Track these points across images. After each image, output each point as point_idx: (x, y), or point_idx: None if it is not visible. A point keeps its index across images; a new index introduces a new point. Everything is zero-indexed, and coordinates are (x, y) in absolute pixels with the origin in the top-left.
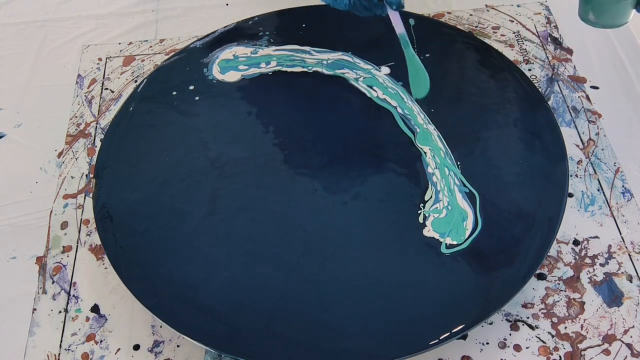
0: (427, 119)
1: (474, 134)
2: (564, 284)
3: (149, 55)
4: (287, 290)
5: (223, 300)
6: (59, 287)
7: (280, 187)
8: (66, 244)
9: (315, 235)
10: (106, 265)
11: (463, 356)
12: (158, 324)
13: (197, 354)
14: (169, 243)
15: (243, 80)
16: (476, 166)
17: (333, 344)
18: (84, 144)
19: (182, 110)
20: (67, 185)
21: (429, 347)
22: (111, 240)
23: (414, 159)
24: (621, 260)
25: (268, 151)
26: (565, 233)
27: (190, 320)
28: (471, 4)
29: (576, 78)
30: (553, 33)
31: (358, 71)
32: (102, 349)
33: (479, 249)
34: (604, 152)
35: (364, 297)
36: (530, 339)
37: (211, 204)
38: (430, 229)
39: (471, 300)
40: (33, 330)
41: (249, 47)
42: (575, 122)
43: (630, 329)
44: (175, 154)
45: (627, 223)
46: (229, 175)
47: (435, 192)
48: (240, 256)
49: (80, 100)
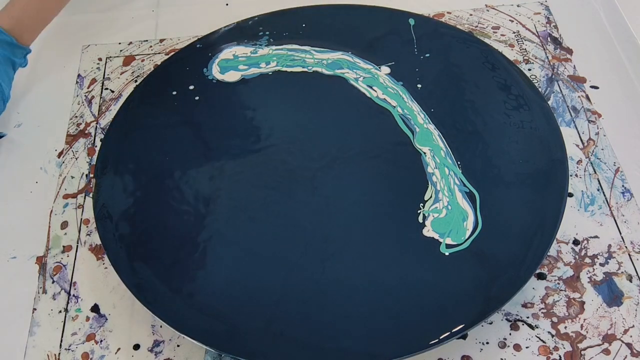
0: (427, 118)
1: (474, 134)
2: (564, 283)
3: (149, 55)
4: (287, 290)
5: (223, 300)
6: (59, 286)
7: (280, 187)
8: (66, 244)
9: (315, 235)
10: (106, 265)
11: (463, 356)
12: (158, 323)
13: (197, 353)
14: (169, 243)
15: (243, 80)
16: (476, 166)
17: (333, 344)
18: (84, 144)
19: (182, 110)
20: (67, 185)
21: (429, 347)
22: (111, 240)
23: (413, 158)
24: (621, 260)
25: (268, 151)
26: (565, 233)
27: (190, 320)
28: (471, 4)
29: (576, 78)
30: (553, 33)
31: (358, 71)
32: (102, 348)
33: (478, 249)
34: (603, 151)
35: (364, 297)
36: (530, 339)
37: (211, 204)
38: (430, 229)
39: (471, 300)
40: (33, 330)
41: (248, 47)
42: (575, 122)
43: (630, 329)
44: (175, 154)
45: (627, 223)
46: (229, 175)
47: (434, 192)
48: (240, 256)
49: (80, 100)
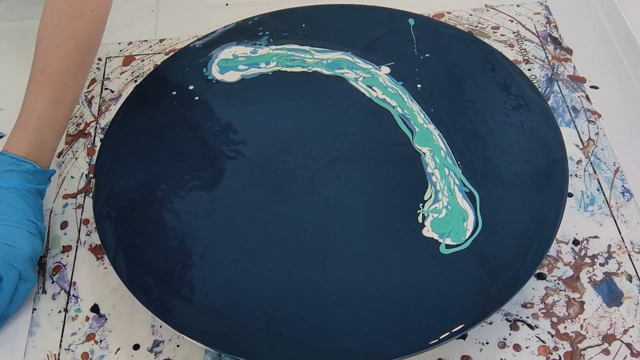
0: (427, 118)
1: (474, 134)
2: (564, 283)
3: (149, 55)
4: (287, 290)
5: (223, 300)
6: (59, 286)
7: (280, 187)
8: (66, 244)
9: (315, 235)
10: (106, 265)
11: (463, 356)
12: (158, 323)
13: (197, 353)
14: (169, 243)
15: (243, 80)
16: (476, 166)
17: (333, 344)
18: (84, 144)
19: (182, 110)
20: (67, 185)
21: (429, 347)
22: (111, 240)
23: (413, 159)
24: (621, 260)
25: (268, 151)
26: (565, 233)
27: (190, 320)
28: (471, 4)
29: (576, 78)
30: (553, 33)
31: (358, 71)
32: (102, 348)
33: (478, 249)
34: (603, 151)
35: (364, 297)
36: (530, 339)
37: (211, 204)
38: (430, 230)
39: (471, 300)
40: (33, 330)
41: (248, 47)
42: (575, 122)
43: (629, 329)
44: (175, 154)
45: (626, 223)
46: (229, 175)
47: (434, 192)
48: (240, 256)
49: (80, 100)
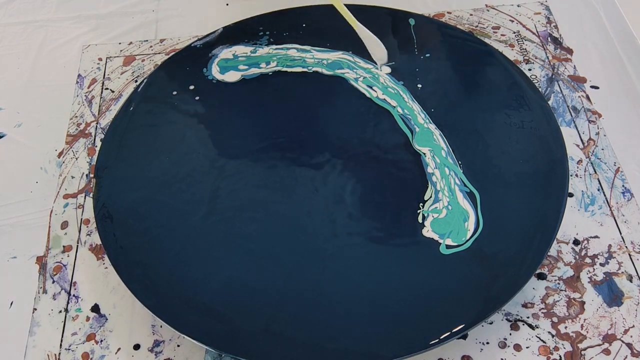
0: (427, 118)
1: (474, 134)
2: (564, 283)
3: (149, 55)
4: (287, 290)
5: (223, 300)
6: (59, 286)
7: (280, 187)
8: (66, 244)
9: (315, 235)
10: (106, 265)
11: (463, 356)
12: (158, 323)
13: (197, 353)
14: (169, 243)
15: (243, 80)
16: (476, 166)
17: (333, 344)
18: (84, 144)
19: (182, 110)
20: (67, 185)
21: (429, 347)
22: (111, 240)
23: (413, 158)
24: (621, 260)
25: (268, 151)
26: (565, 233)
27: (190, 320)
28: (471, 4)
29: (576, 78)
30: (553, 33)
31: (358, 71)
32: (103, 348)
33: (479, 249)
34: (604, 151)
35: (364, 297)
36: (530, 339)
37: (211, 204)
38: (430, 230)
39: (471, 300)
40: (33, 330)
41: (248, 47)
42: (575, 122)
43: (630, 329)
44: (175, 154)
45: (627, 223)
46: (229, 175)
47: (434, 192)
48: (240, 256)
49: (80, 100)
